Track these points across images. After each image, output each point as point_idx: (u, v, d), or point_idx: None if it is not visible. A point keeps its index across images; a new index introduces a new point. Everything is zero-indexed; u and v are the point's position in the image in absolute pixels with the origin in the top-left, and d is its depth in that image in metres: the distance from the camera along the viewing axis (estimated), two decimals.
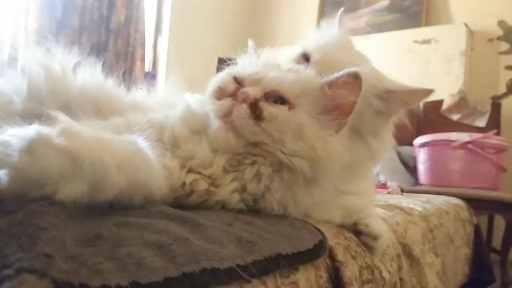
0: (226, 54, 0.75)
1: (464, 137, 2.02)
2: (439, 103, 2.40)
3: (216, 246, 0.39)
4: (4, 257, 0.28)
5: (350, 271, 0.58)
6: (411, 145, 2.25)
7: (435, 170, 2.12)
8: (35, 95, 0.64)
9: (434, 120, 2.43)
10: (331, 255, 0.58)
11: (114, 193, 0.40)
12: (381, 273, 0.67)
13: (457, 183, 2.02)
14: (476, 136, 2.01)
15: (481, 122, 2.32)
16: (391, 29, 2.82)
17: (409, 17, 2.85)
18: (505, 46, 2.55)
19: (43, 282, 0.27)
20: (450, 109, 2.39)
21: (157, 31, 2.96)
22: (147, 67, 2.83)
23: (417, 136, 2.23)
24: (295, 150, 0.54)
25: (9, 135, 0.37)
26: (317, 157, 0.54)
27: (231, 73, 0.61)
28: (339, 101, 0.58)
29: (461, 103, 2.36)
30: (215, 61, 2.42)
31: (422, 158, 2.19)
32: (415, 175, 2.27)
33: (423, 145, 2.17)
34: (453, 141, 2.03)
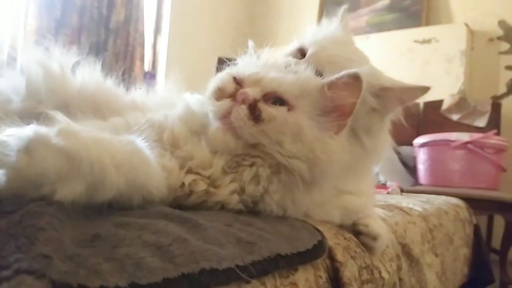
0: (225, 54, 0.75)
1: (464, 137, 2.02)
2: (439, 103, 2.40)
3: (215, 246, 0.39)
4: (2, 258, 0.27)
5: (349, 271, 0.58)
6: (411, 145, 2.25)
7: (435, 170, 2.12)
8: (33, 94, 0.63)
9: (434, 120, 2.43)
10: (330, 255, 0.57)
11: (112, 193, 0.40)
12: (380, 273, 0.67)
13: (457, 183, 2.02)
14: (476, 136, 2.01)
15: (481, 122, 2.32)
16: (391, 29, 2.82)
17: (409, 17, 2.85)
18: (505, 46, 2.55)
19: (41, 283, 0.27)
20: (450, 109, 2.39)
21: (157, 31, 2.96)
22: (147, 67, 2.83)
23: (417, 136, 2.23)
24: (294, 152, 0.53)
25: (7, 135, 0.37)
26: (316, 159, 0.54)
27: (230, 73, 0.61)
28: (339, 102, 0.58)
29: (461, 103, 2.36)
30: (215, 61, 2.42)
31: (421, 158, 2.19)
32: (414, 175, 2.27)
33: (423, 145, 2.17)
34: (453, 141, 2.03)
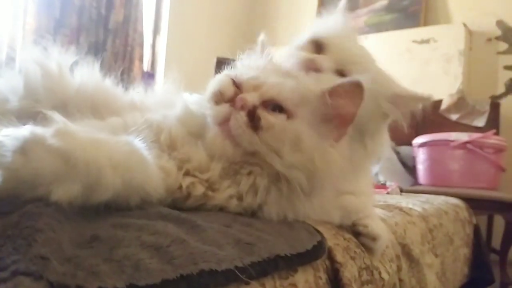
0: (225, 54, 0.74)
1: (463, 137, 2.02)
2: (438, 103, 2.40)
3: (214, 247, 0.39)
4: None
5: (349, 272, 0.58)
6: (410, 145, 2.25)
7: (434, 170, 2.12)
8: (31, 93, 0.63)
9: (433, 120, 2.42)
10: (330, 256, 0.57)
11: (109, 194, 0.40)
12: (380, 274, 0.67)
13: (456, 183, 2.02)
14: (475, 136, 2.01)
15: (480, 122, 2.32)
16: (390, 29, 2.82)
17: (407, 17, 2.85)
18: (503, 46, 2.55)
19: (39, 284, 0.27)
20: (449, 109, 2.39)
21: (156, 31, 2.95)
22: (146, 67, 2.83)
23: (416, 136, 2.23)
24: (293, 161, 0.52)
25: (3, 135, 0.37)
26: (315, 169, 0.53)
27: (229, 75, 0.60)
28: (340, 110, 0.56)
29: (460, 103, 2.36)
30: (214, 61, 2.42)
31: (421, 158, 2.18)
32: (414, 175, 2.27)
33: (422, 145, 2.17)
34: (452, 141, 2.02)
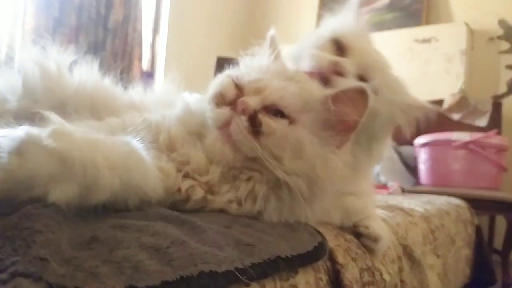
0: (224, 53, 0.74)
1: (465, 137, 2.01)
2: (440, 102, 2.39)
3: (214, 249, 0.39)
4: None
5: (350, 274, 0.58)
6: (412, 145, 2.25)
7: (436, 170, 2.12)
8: (29, 93, 0.63)
9: (434, 119, 2.42)
10: (331, 257, 0.57)
11: (106, 195, 0.39)
12: (381, 275, 0.67)
13: (458, 183, 2.02)
14: (477, 136, 2.00)
15: (482, 121, 2.31)
16: (391, 28, 2.81)
17: (409, 16, 2.84)
18: (505, 45, 2.54)
19: (38, 286, 0.26)
20: (450, 109, 2.38)
21: (155, 30, 2.95)
22: (145, 66, 2.82)
23: (417, 136, 2.23)
24: (293, 168, 0.51)
25: None
26: (316, 177, 0.52)
27: (231, 76, 0.59)
28: (343, 117, 0.55)
29: (462, 102, 2.36)
30: (214, 60, 2.42)
31: (423, 158, 2.18)
32: (416, 175, 2.26)
33: (424, 145, 2.16)
34: (454, 141, 2.02)
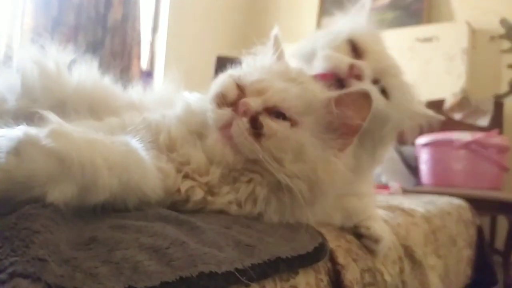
0: (224, 52, 0.74)
1: (466, 136, 2.00)
2: (441, 102, 2.39)
3: (214, 249, 0.38)
4: None
5: (351, 275, 0.57)
6: (413, 145, 2.24)
7: (437, 170, 2.11)
8: (28, 92, 0.62)
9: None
10: (331, 258, 0.57)
11: (105, 195, 0.39)
12: (382, 276, 0.67)
13: (459, 183, 2.01)
14: (478, 135, 2.00)
15: (484, 121, 2.30)
16: (392, 27, 2.80)
17: (410, 15, 2.84)
18: (507, 44, 2.53)
19: (36, 286, 0.26)
20: (452, 109, 2.37)
21: (155, 29, 2.94)
22: (144, 65, 2.82)
23: (419, 135, 2.22)
24: (294, 171, 0.51)
25: None
26: (318, 180, 0.52)
27: (233, 76, 0.58)
28: (345, 120, 0.55)
29: (463, 102, 2.35)
30: (213, 59, 2.41)
31: (424, 158, 2.18)
32: (417, 175, 2.26)
33: (425, 145, 2.16)
34: (455, 141, 2.01)
